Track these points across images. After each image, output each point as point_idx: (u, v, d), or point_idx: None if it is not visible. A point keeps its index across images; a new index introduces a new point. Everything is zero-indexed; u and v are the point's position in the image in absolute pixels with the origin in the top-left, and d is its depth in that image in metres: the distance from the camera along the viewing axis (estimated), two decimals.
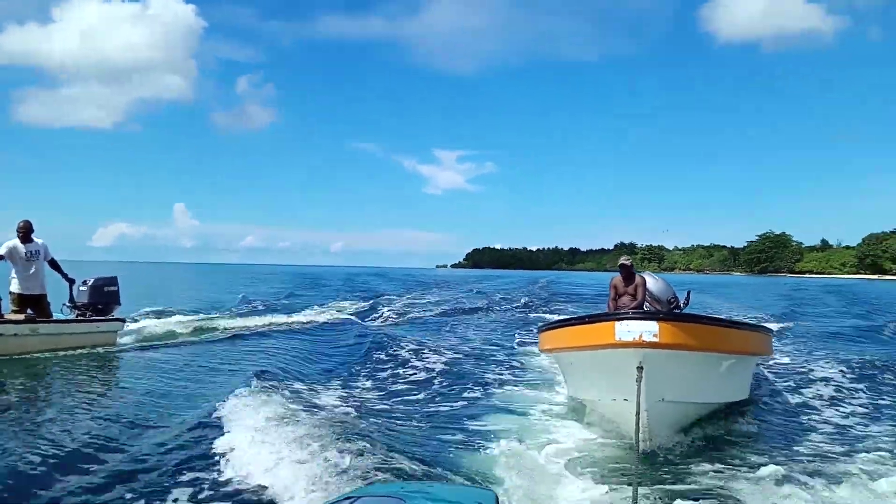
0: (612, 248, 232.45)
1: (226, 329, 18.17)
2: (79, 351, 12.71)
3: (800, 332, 19.57)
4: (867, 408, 9.32)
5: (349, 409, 8.56)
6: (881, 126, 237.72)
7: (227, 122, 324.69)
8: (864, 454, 6.82)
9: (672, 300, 9.89)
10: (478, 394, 9.96)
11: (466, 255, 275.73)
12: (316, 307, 27.32)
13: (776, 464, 6.37)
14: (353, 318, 22.84)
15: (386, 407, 9.03)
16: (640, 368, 6.26)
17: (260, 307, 26.10)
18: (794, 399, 9.84)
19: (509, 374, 11.81)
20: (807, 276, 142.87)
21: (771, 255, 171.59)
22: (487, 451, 6.78)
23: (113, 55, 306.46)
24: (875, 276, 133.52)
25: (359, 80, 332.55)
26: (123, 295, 15.05)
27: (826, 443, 7.42)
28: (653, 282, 10.00)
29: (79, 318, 13.78)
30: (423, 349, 14.38)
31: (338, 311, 25.84)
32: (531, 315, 25.24)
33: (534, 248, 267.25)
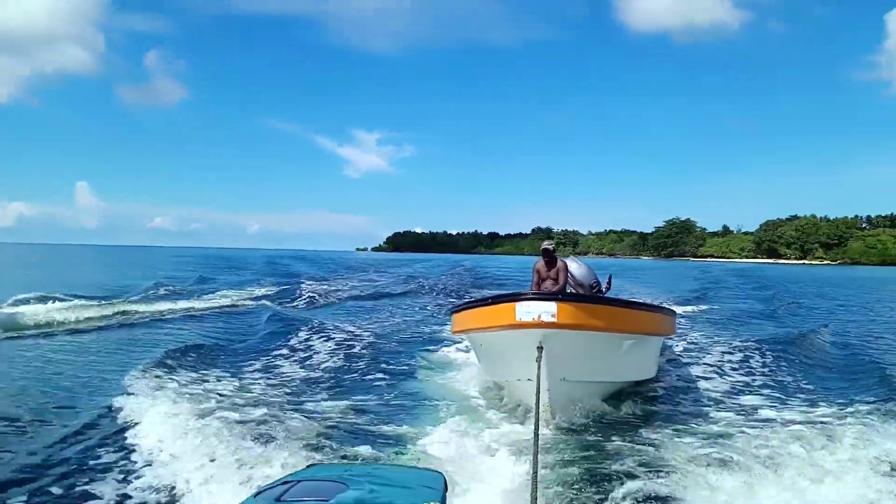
0: (529, 232, 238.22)
1: (126, 314, 16.91)
2: None
3: (709, 313, 20.65)
4: (767, 383, 9.75)
5: (273, 394, 8.24)
6: (780, 117, 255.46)
7: (135, 98, 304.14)
8: (764, 427, 7.07)
9: (594, 284, 9.93)
10: (400, 377, 9.84)
11: (387, 239, 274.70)
12: (230, 291, 26.19)
13: (681, 438, 6.54)
14: (269, 303, 21.94)
15: (310, 391, 8.73)
16: (540, 348, 6.31)
17: (167, 291, 24.57)
18: (701, 376, 10.21)
19: (432, 356, 11.71)
20: (708, 259, 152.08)
21: (676, 240, 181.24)
22: (406, 432, 6.67)
23: (9, 24, 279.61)
24: (770, 261, 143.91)
25: (275, 57, 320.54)
26: (11, 279, 13.80)
27: (729, 416, 7.67)
28: (576, 266, 9.96)
29: None
30: (348, 333, 14.02)
31: (254, 295, 24.79)
32: (457, 300, 25.08)
33: (454, 232, 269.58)
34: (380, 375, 9.96)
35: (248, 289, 28.17)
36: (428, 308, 21.54)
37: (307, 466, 3.53)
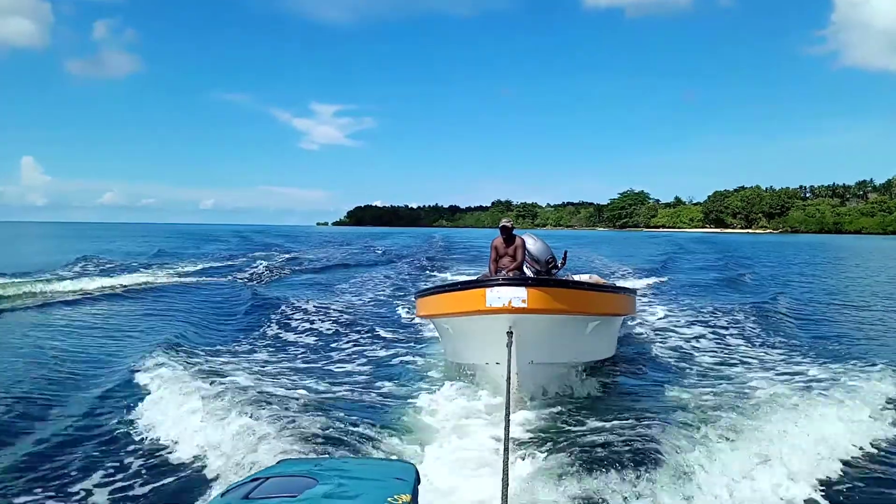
0: (489, 205, 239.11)
1: (54, 293, 16.16)
2: None
3: (670, 285, 21.00)
4: (723, 350, 10.29)
5: (242, 380, 7.76)
6: (728, 90, 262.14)
7: (83, 70, 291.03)
8: (721, 396, 7.25)
9: (550, 260, 10.25)
10: (375, 359, 9.78)
11: (348, 213, 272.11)
12: (187, 266, 25.69)
13: (637, 411, 6.80)
14: (239, 277, 21.59)
15: (283, 376, 8.35)
16: (510, 333, 6.40)
17: (101, 268, 23.30)
18: (658, 351, 10.48)
19: (405, 337, 11.60)
20: (660, 230, 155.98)
21: (630, 211, 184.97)
22: (379, 420, 6.58)
23: None
24: (718, 230, 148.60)
25: (229, 28, 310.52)
26: None
27: (684, 387, 7.96)
28: (532, 242, 10.19)
29: None
30: (320, 311, 13.85)
31: (219, 271, 24.34)
32: (437, 275, 24.60)
33: (415, 206, 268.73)
34: (355, 361, 9.73)
35: (207, 262, 27.81)
36: (404, 285, 21.00)
37: (277, 462, 3.56)
